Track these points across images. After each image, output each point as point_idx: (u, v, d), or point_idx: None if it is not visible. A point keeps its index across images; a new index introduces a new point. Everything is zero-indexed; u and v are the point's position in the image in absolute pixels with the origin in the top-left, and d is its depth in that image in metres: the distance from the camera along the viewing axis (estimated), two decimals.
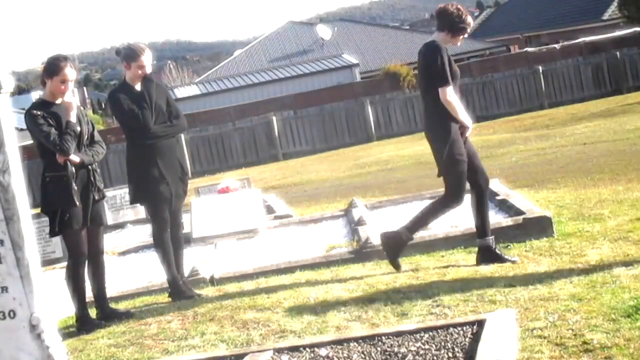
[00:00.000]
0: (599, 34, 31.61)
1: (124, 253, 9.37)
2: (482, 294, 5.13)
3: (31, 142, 6.02)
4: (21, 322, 3.19)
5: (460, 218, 7.74)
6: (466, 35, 6.30)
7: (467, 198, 6.30)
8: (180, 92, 33.16)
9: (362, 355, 4.17)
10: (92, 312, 6.21)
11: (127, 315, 6.01)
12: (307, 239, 8.32)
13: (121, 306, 6.51)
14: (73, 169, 5.88)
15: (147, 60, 6.29)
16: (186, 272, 6.76)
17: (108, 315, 6.10)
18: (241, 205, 9.53)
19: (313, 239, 8.24)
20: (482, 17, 54.93)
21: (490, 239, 6.14)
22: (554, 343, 4.02)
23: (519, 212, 7.15)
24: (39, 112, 5.85)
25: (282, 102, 28.89)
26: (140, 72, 6.26)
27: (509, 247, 6.51)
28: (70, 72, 5.90)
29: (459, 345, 4.09)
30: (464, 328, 4.29)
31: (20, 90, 79.16)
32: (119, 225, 12.65)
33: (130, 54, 6.29)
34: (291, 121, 27.38)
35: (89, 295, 6.24)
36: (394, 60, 33.97)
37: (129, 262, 8.83)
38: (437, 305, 5.02)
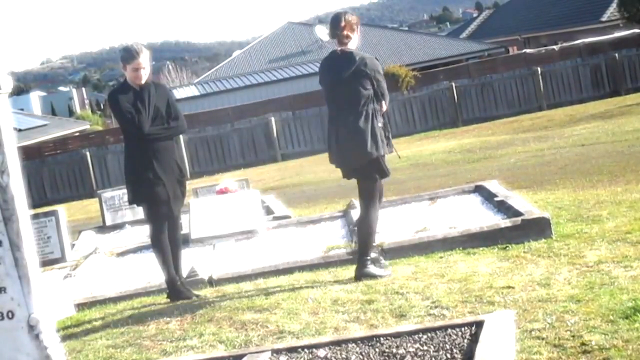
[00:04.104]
0: (598, 35, 31.64)
1: (122, 254, 9.36)
2: (481, 295, 5.13)
3: (31, 142, 6.05)
4: (19, 322, 3.18)
5: (459, 219, 7.75)
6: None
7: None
8: (179, 93, 33.17)
9: (361, 356, 4.17)
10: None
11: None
12: (305, 240, 8.32)
13: (120, 307, 6.51)
14: None
15: (145, 62, 6.26)
16: (184, 272, 6.76)
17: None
18: (240, 206, 9.53)
19: (312, 240, 8.24)
20: (481, 18, 54.91)
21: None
22: (552, 344, 4.02)
23: (518, 214, 7.15)
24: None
25: (281, 103, 28.88)
26: (135, 73, 6.24)
27: (507, 248, 6.52)
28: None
29: (457, 346, 4.10)
30: (463, 329, 4.29)
31: (18, 91, 79.26)
32: (118, 226, 12.66)
33: (125, 56, 6.27)
34: (290, 122, 27.38)
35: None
36: (392, 61, 33.97)
37: (128, 263, 8.82)
38: (436, 307, 5.02)
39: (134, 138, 6.24)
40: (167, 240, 6.36)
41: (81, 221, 16.23)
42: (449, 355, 4.00)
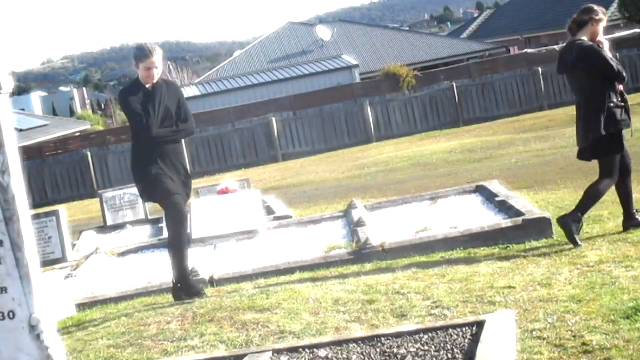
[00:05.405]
0: None
1: (123, 254, 9.36)
2: (482, 295, 5.13)
3: (31, 142, 6.04)
4: (20, 322, 3.19)
5: (460, 219, 7.75)
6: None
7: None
8: None
9: (361, 356, 4.17)
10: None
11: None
12: (306, 239, 8.32)
13: (121, 307, 6.51)
14: None
15: (158, 61, 6.23)
16: None
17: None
18: (240, 206, 9.53)
19: (312, 239, 8.24)
20: (482, 18, 54.94)
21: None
22: (553, 344, 4.02)
23: (519, 213, 7.16)
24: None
25: (282, 103, 28.88)
26: (147, 72, 6.21)
27: (508, 248, 6.52)
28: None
29: (458, 346, 4.09)
30: (463, 329, 4.29)
31: (19, 91, 79.34)
32: (119, 226, 12.66)
33: (138, 54, 6.24)
34: (290, 122, 27.37)
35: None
36: (393, 61, 33.99)
37: (128, 263, 8.83)
38: (436, 307, 5.02)
39: (141, 137, 6.23)
40: (186, 237, 6.36)
41: (82, 221, 16.23)
42: (449, 355, 4.00)
